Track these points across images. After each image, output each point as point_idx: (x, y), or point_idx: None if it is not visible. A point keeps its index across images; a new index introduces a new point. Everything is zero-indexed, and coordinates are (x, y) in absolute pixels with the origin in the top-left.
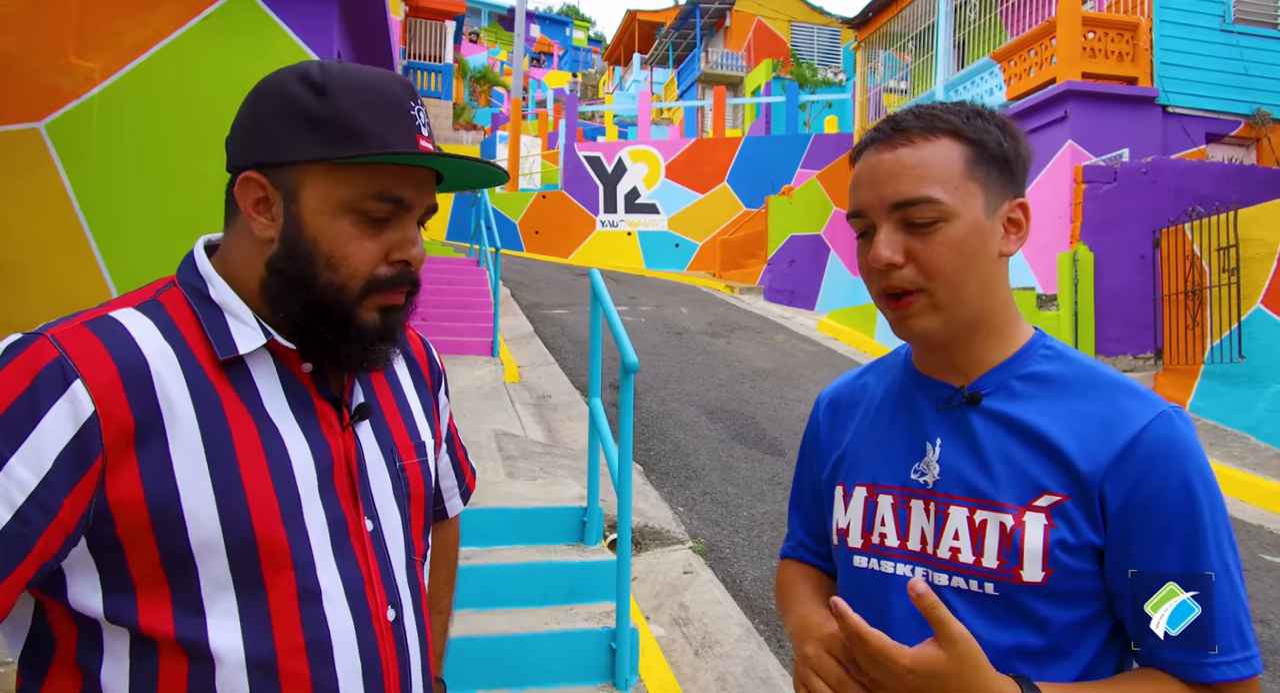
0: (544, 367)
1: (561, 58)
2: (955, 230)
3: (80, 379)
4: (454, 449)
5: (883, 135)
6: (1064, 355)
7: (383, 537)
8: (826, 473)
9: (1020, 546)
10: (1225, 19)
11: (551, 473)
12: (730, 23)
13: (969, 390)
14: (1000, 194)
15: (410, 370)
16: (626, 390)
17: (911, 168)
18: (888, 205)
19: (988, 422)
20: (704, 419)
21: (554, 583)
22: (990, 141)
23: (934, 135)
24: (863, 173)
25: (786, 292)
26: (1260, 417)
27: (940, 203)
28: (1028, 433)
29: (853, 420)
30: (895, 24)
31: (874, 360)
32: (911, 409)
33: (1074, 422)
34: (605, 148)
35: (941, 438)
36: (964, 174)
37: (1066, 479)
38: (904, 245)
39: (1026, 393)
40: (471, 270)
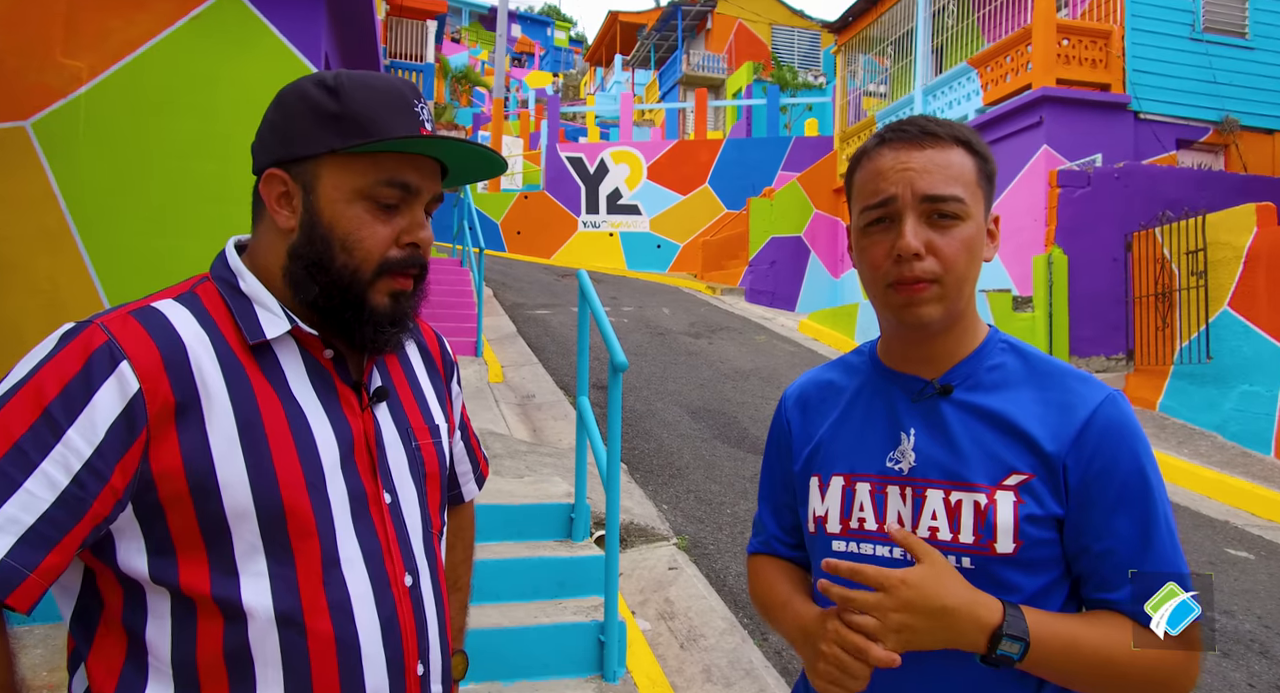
0: (527, 367)
1: (543, 58)
2: (969, 230)
3: (127, 360)
4: (468, 437)
5: (910, 136)
6: (1018, 349)
7: (400, 509)
8: (799, 466)
9: (994, 521)
10: (1195, 28)
11: (538, 471)
12: (711, 25)
13: (940, 382)
14: (987, 205)
15: (424, 359)
16: (615, 388)
17: (943, 167)
18: (919, 196)
19: (958, 410)
20: (687, 419)
21: (543, 578)
22: (989, 158)
23: (954, 144)
24: (889, 165)
25: (767, 293)
26: (1226, 416)
27: (964, 203)
28: (996, 419)
29: (825, 415)
30: (875, 29)
31: (834, 360)
32: (885, 401)
33: (1036, 407)
34: (587, 149)
35: (915, 427)
36: (975, 182)
37: (1033, 458)
38: (926, 239)
39: (992, 383)
40: (455, 270)
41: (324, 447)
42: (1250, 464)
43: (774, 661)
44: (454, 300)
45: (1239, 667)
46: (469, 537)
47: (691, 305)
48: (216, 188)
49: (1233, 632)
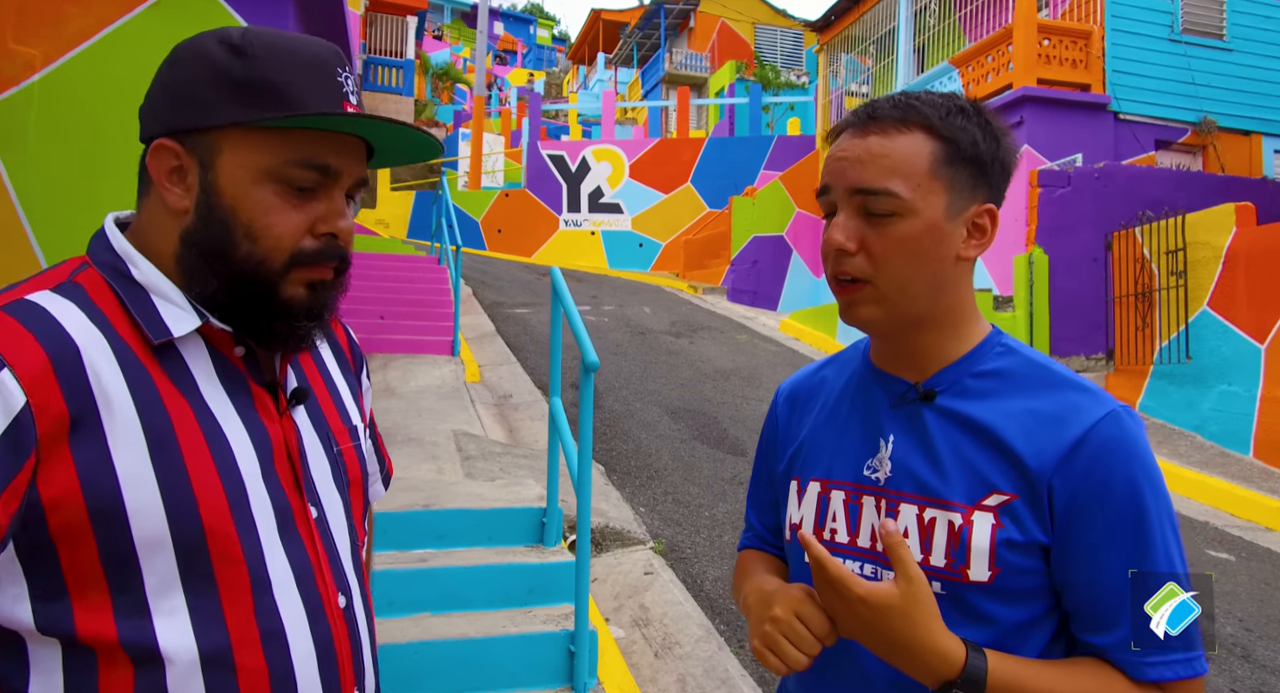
0: (505, 366)
1: (525, 56)
2: (909, 227)
3: (9, 368)
4: (374, 435)
5: (858, 120)
6: (1017, 352)
7: (327, 523)
8: (782, 467)
9: (968, 545)
10: (1174, 29)
11: (511, 473)
12: (694, 24)
13: (923, 387)
14: (968, 196)
15: (334, 354)
16: (587, 389)
17: (878, 157)
18: (848, 190)
19: (941, 419)
20: (666, 419)
21: (513, 585)
22: (965, 141)
23: (906, 127)
24: (833, 153)
25: (749, 292)
26: (1205, 416)
27: (898, 197)
28: (979, 431)
29: (810, 414)
30: (857, 28)
31: (835, 353)
32: (867, 404)
33: (1025, 419)
34: (569, 146)
35: (894, 434)
36: (929, 172)
37: (1016, 477)
38: (859, 233)
39: (980, 390)
40: (432, 269)
41: (243, 457)
42: (1229, 464)
43: (751, 670)
44: (431, 299)
45: (1222, 672)
46: (369, 543)
47: (673, 304)
48: None
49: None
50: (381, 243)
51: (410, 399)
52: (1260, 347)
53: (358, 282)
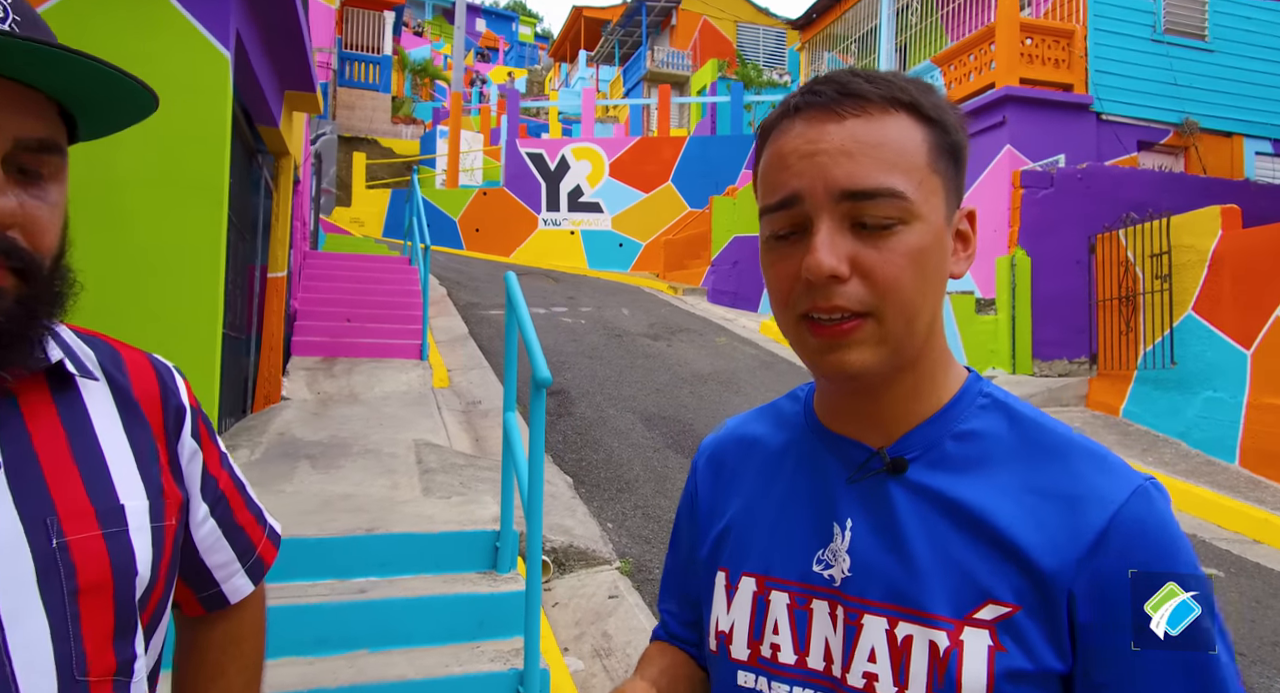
0: (476, 371)
1: (508, 53)
2: (917, 237)
3: None
4: (228, 512)
5: (824, 99)
6: (1006, 406)
7: (6, 652)
8: (705, 551)
9: (956, 676)
10: (1156, 29)
11: (471, 489)
12: (676, 22)
13: (890, 455)
14: (954, 196)
15: (120, 408)
16: (538, 406)
17: (871, 147)
18: (835, 193)
19: (915, 498)
20: (640, 426)
21: (460, 617)
22: (951, 124)
23: (894, 108)
24: (795, 147)
25: (730, 293)
26: (1190, 423)
27: (905, 199)
28: (968, 516)
29: (740, 484)
30: (838, 26)
31: (766, 405)
32: (815, 476)
33: (1028, 500)
34: (548, 145)
35: (854, 519)
36: (928, 165)
37: (1020, 581)
38: (850, 252)
39: (963, 458)
40: (403, 269)
41: None
42: (1215, 473)
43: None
44: (400, 300)
45: None
46: (248, 650)
47: (652, 306)
48: (104, 175)
49: None
50: (353, 242)
51: (373, 406)
52: (1246, 352)
53: (324, 283)
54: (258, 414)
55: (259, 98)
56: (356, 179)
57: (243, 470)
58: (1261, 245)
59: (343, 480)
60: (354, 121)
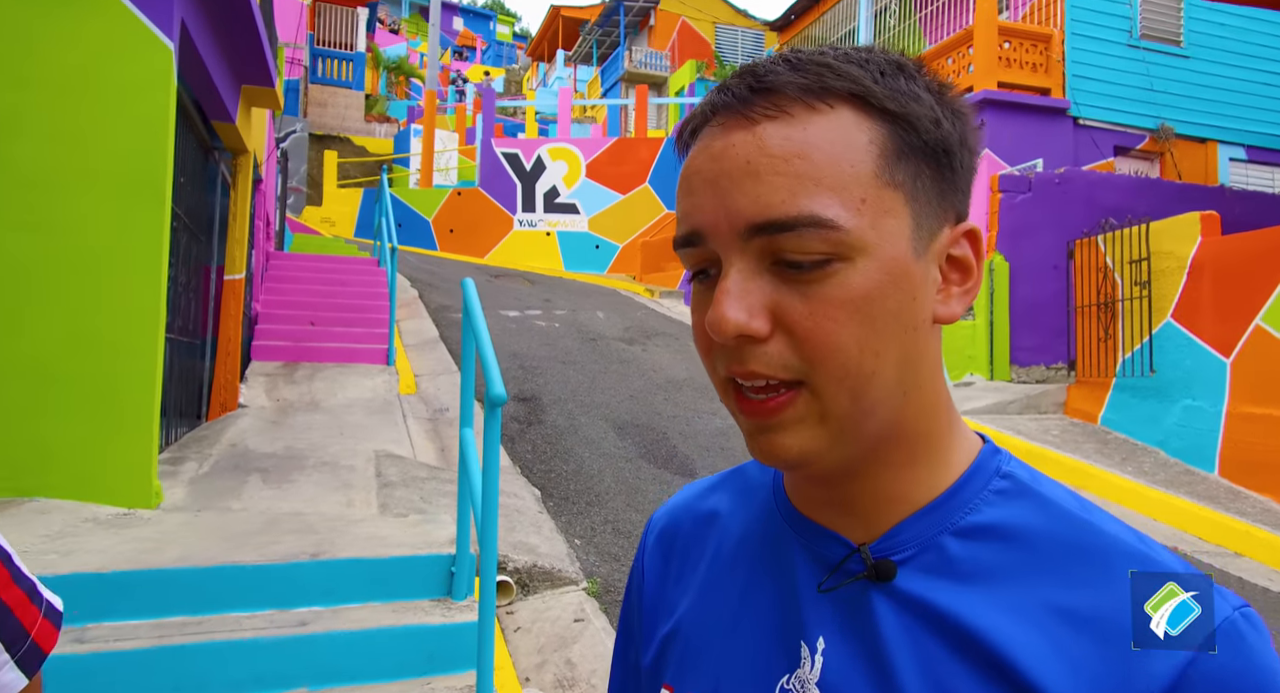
0: (445, 376)
1: (485, 52)
2: (860, 277)
3: None
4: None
5: (735, 98)
6: (1032, 491)
7: None
8: (650, 658)
9: None
10: (1132, 34)
11: (432, 504)
12: (654, 22)
13: (874, 555)
14: (936, 211)
15: None
16: (493, 426)
17: (783, 160)
18: (741, 228)
19: (905, 615)
20: (612, 435)
21: (411, 651)
22: (922, 118)
23: (823, 102)
24: (698, 167)
25: None
26: (1169, 431)
27: (835, 228)
28: (974, 644)
29: (692, 575)
30: (816, 28)
31: (731, 471)
32: (780, 575)
33: (1058, 629)
34: (524, 145)
35: (826, 639)
36: (878, 175)
37: None
38: (770, 302)
39: (972, 562)
40: (371, 270)
41: None
42: (1194, 483)
43: None
44: (369, 303)
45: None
46: None
47: (628, 309)
48: (32, 171)
49: None
50: (321, 242)
51: (335, 414)
52: (1225, 361)
53: (289, 285)
54: (211, 423)
55: (211, 92)
56: (328, 178)
57: (189, 485)
58: (1241, 252)
59: (294, 496)
60: (326, 119)
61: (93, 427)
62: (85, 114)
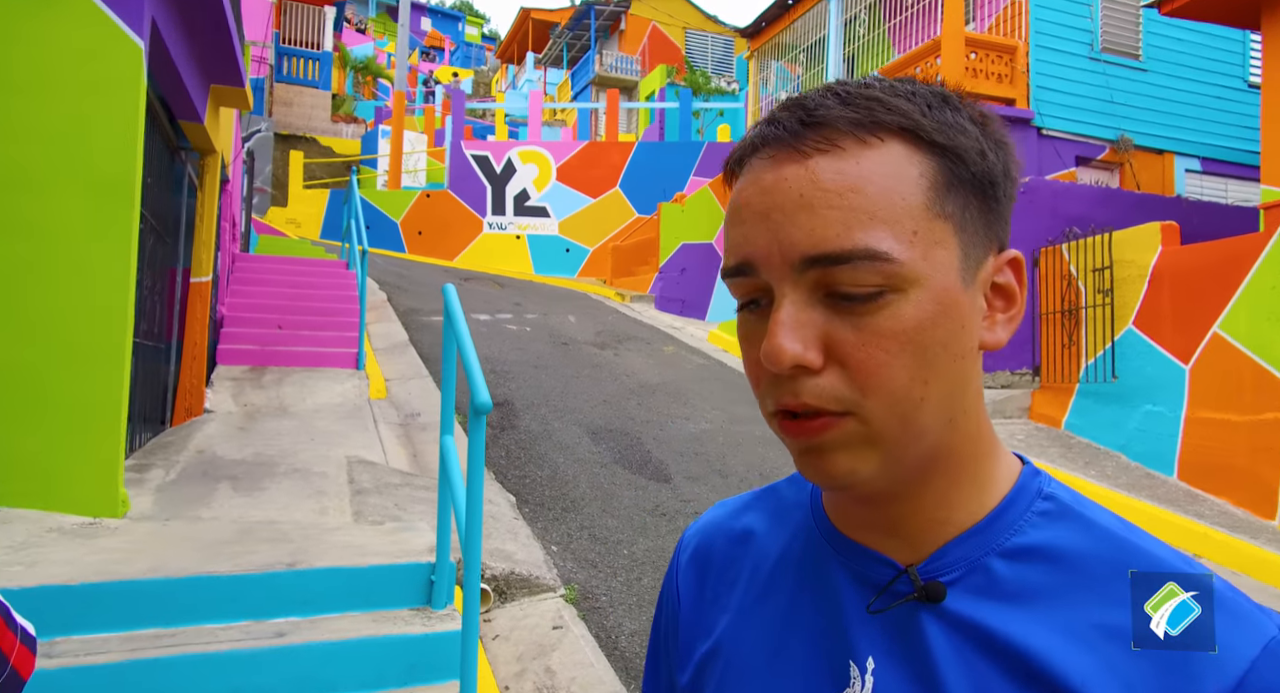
0: (416, 380)
1: (454, 53)
2: (913, 308)
3: None
4: None
5: (786, 132)
6: (1076, 513)
7: None
8: (688, 678)
9: None
10: (1093, 48)
11: (407, 512)
12: (625, 26)
13: (923, 578)
14: (982, 242)
15: None
16: (477, 433)
17: (838, 195)
18: (795, 260)
19: (956, 636)
20: (586, 440)
21: (390, 661)
22: (969, 150)
23: (875, 136)
24: (748, 199)
25: (678, 300)
26: (1130, 436)
27: (889, 259)
28: (1027, 667)
29: (731, 593)
30: (787, 35)
31: (762, 490)
32: (824, 596)
33: (1110, 650)
34: (494, 147)
35: (876, 660)
36: (929, 208)
37: None
38: (823, 333)
39: (1019, 584)
40: (340, 273)
41: None
42: (1155, 486)
43: None
44: (337, 307)
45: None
46: None
47: (599, 313)
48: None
49: None
50: (287, 244)
51: (304, 419)
52: (1184, 367)
53: (255, 287)
54: (177, 429)
55: (180, 91)
56: (294, 178)
57: (156, 493)
58: (1199, 262)
59: (266, 504)
60: (292, 119)
61: (57, 433)
62: (54, 114)
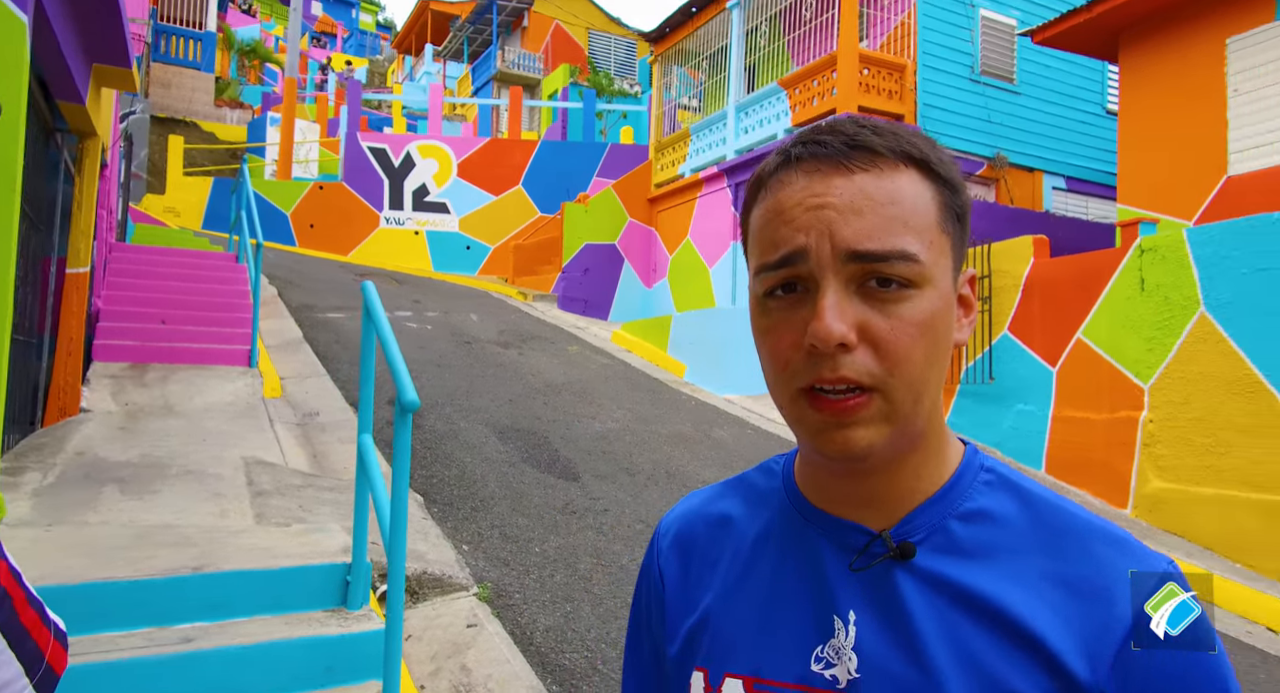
0: (313, 379)
1: (346, 40)
2: (929, 303)
3: None
4: (12, 615)
5: (831, 151)
6: (1012, 483)
7: None
8: (676, 649)
9: None
10: (974, 70)
11: (313, 513)
12: (528, 23)
13: (895, 540)
14: (958, 259)
15: None
16: (403, 431)
17: (883, 205)
18: (844, 253)
19: (925, 588)
20: (494, 439)
21: (307, 663)
22: (958, 183)
23: (904, 163)
24: (799, 200)
25: (580, 300)
26: (1005, 433)
27: (918, 262)
28: (986, 608)
29: (714, 571)
30: (690, 42)
31: (732, 479)
32: (807, 563)
33: (1050, 591)
34: (392, 140)
35: (857, 611)
36: (938, 225)
37: (1050, 683)
38: (859, 319)
39: (973, 542)
40: (228, 266)
41: None
42: None
43: None
44: (225, 301)
45: None
46: None
47: (502, 312)
48: None
49: None
50: (168, 235)
51: (194, 419)
52: (1052, 370)
53: (136, 279)
54: (50, 429)
55: (62, 70)
56: (172, 164)
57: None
58: (1065, 274)
59: (161, 508)
60: (170, 101)
61: None
62: None
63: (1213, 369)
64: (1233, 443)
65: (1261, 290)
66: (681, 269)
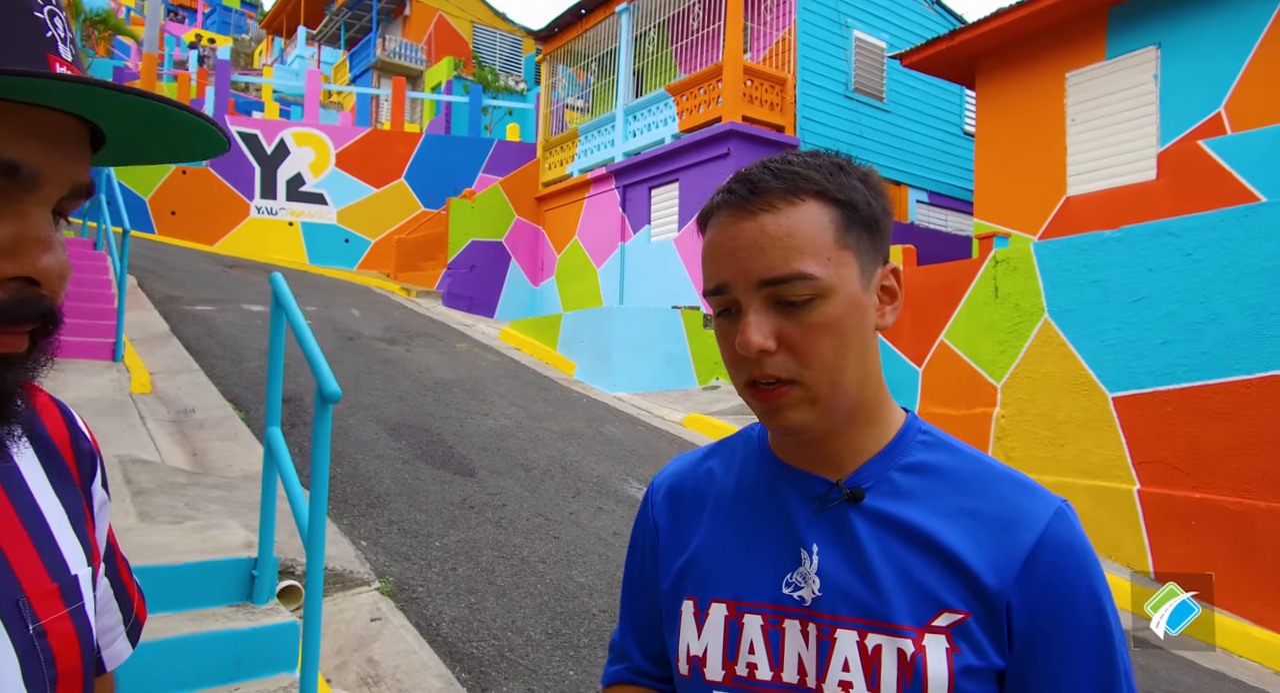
0: (185, 374)
1: (207, 16)
2: (832, 308)
3: None
4: (116, 568)
5: (738, 199)
6: (943, 443)
7: None
8: (668, 584)
9: (923, 674)
10: (847, 87)
11: (202, 511)
12: (410, 12)
13: (848, 486)
14: (872, 260)
15: (45, 462)
16: (323, 423)
17: (778, 239)
18: (755, 282)
19: (872, 524)
20: (385, 437)
21: (213, 657)
22: (859, 201)
23: (798, 198)
24: (720, 243)
25: (466, 298)
26: None
27: (815, 278)
28: (919, 538)
29: (700, 518)
30: (580, 43)
31: (715, 443)
32: (779, 508)
33: (968, 523)
34: (264, 125)
35: (819, 544)
36: (836, 242)
37: (968, 593)
38: (775, 328)
39: (911, 488)
40: (87, 254)
41: None
42: None
43: None
44: (85, 292)
45: None
46: None
47: (385, 307)
48: None
49: None
50: None
51: None
52: (918, 369)
53: None
54: None
55: None
56: None
57: None
58: (930, 282)
59: None
60: None
61: None
62: None
63: (1054, 369)
64: (1070, 436)
65: (1095, 300)
66: (570, 268)
